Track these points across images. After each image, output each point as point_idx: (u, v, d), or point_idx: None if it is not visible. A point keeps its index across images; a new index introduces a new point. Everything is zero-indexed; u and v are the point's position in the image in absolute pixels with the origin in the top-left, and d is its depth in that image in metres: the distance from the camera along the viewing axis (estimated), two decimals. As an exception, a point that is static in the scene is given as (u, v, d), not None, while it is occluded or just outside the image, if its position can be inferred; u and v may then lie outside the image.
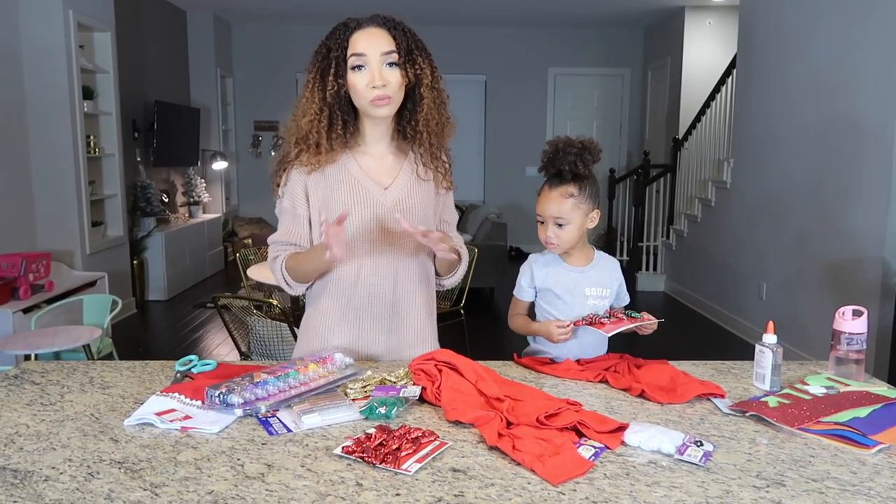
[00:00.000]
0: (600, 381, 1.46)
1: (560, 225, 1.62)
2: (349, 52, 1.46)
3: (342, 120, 1.51)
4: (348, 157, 1.56)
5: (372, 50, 1.45)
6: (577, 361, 1.58)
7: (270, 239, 1.63)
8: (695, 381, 1.42)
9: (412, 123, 1.56)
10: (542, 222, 1.65)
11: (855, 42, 3.80)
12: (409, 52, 1.49)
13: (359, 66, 1.46)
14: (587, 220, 1.65)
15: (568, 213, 1.60)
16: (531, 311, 1.74)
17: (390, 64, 1.47)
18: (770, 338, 1.43)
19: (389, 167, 1.59)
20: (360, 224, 1.54)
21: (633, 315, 1.61)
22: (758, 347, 1.45)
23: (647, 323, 1.59)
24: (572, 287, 1.67)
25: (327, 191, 1.55)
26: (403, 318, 1.61)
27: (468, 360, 1.41)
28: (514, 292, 1.74)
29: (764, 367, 1.44)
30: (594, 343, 1.68)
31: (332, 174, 1.55)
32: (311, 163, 1.53)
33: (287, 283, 1.60)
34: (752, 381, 1.48)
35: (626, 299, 1.75)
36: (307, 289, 1.63)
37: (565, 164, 1.58)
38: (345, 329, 1.60)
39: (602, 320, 1.59)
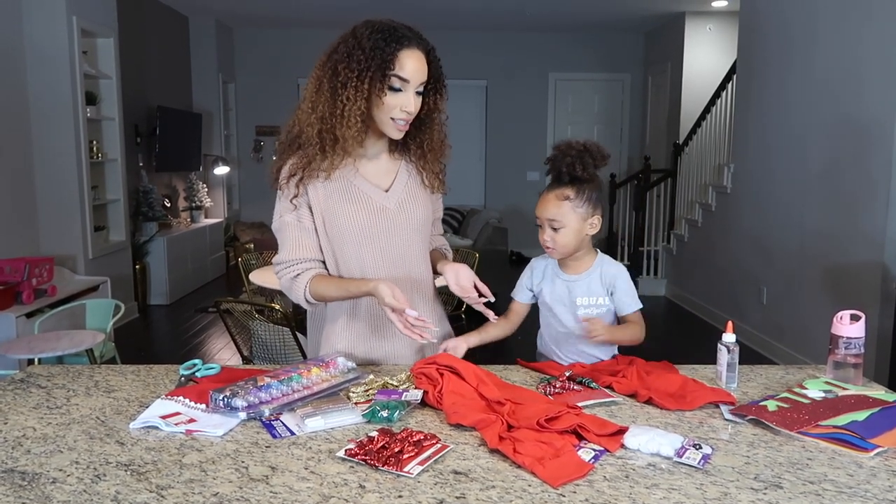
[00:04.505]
0: (605, 387, 1.46)
1: (555, 228, 1.57)
2: (395, 71, 1.43)
3: (365, 127, 1.48)
4: (345, 162, 1.56)
5: (416, 78, 1.45)
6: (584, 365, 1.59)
7: (281, 257, 1.57)
8: (705, 389, 1.42)
9: (416, 141, 1.58)
10: (541, 225, 1.61)
11: (855, 47, 3.81)
12: (437, 81, 1.52)
13: (398, 89, 1.45)
14: (586, 226, 1.59)
15: (563, 216, 1.56)
16: (528, 316, 1.73)
17: (418, 92, 1.48)
18: (729, 337, 1.49)
19: (386, 168, 1.60)
20: (366, 229, 1.55)
21: (589, 385, 1.45)
22: (718, 345, 1.51)
23: (607, 398, 1.40)
24: (563, 297, 1.64)
25: (329, 198, 1.55)
26: (425, 314, 1.63)
27: (469, 364, 1.42)
28: (513, 292, 1.74)
29: (721, 365, 1.50)
30: (598, 353, 1.68)
31: (330, 181, 1.55)
32: (329, 168, 1.51)
33: (308, 303, 1.57)
34: (748, 385, 1.50)
35: (630, 307, 1.64)
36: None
37: (563, 167, 1.54)
38: (370, 334, 1.61)
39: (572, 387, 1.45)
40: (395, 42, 1.43)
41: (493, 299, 1.55)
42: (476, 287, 1.55)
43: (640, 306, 1.65)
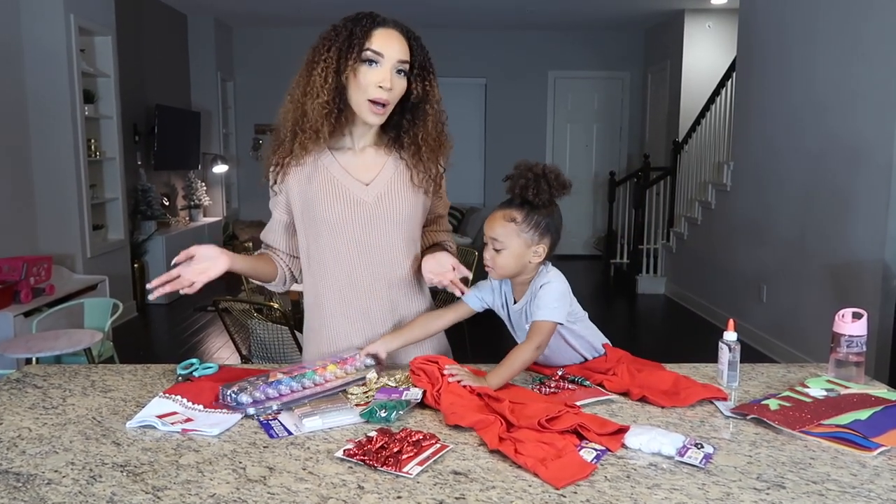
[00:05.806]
0: (597, 384, 1.46)
1: (497, 249, 1.49)
2: (367, 45, 1.44)
3: (338, 108, 1.47)
4: (326, 154, 1.55)
5: (390, 52, 1.44)
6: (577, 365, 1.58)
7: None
8: (697, 386, 1.42)
9: (410, 135, 1.54)
10: (486, 243, 1.53)
11: (855, 43, 3.81)
12: (422, 67, 1.50)
13: (372, 62, 1.44)
14: (529, 252, 1.48)
15: (506, 237, 1.47)
16: (469, 321, 1.65)
17: (400, 71, 1.46)
18: (730, 335, 1.46)
19: (370, 162, 1.57)
20: (340, 221, 1.52)
21: (583, 383, 1.46)
22: (720, 343, 1.49)
23: (602, 397, 1.40)
24: (518, 322, 1.57)
25: (308, 188, 1.54)
26: (405, 316, 1.60)
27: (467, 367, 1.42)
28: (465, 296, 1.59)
29: (722, 363, 1.48)
30: (582, 354, 1.63)
31: (311, 173, 1.54)
32: (302, 153, 1.51)
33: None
34: (750, 384, 1.49)
35: (537, 315, 1.47)
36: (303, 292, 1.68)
37: (517, 188, 1.48)
38: (349, 332, 1.59)
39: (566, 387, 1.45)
40: (368, 19, 1.46)
41: (469, 275, 1.52)
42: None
43: (553, 319, 1.47)
